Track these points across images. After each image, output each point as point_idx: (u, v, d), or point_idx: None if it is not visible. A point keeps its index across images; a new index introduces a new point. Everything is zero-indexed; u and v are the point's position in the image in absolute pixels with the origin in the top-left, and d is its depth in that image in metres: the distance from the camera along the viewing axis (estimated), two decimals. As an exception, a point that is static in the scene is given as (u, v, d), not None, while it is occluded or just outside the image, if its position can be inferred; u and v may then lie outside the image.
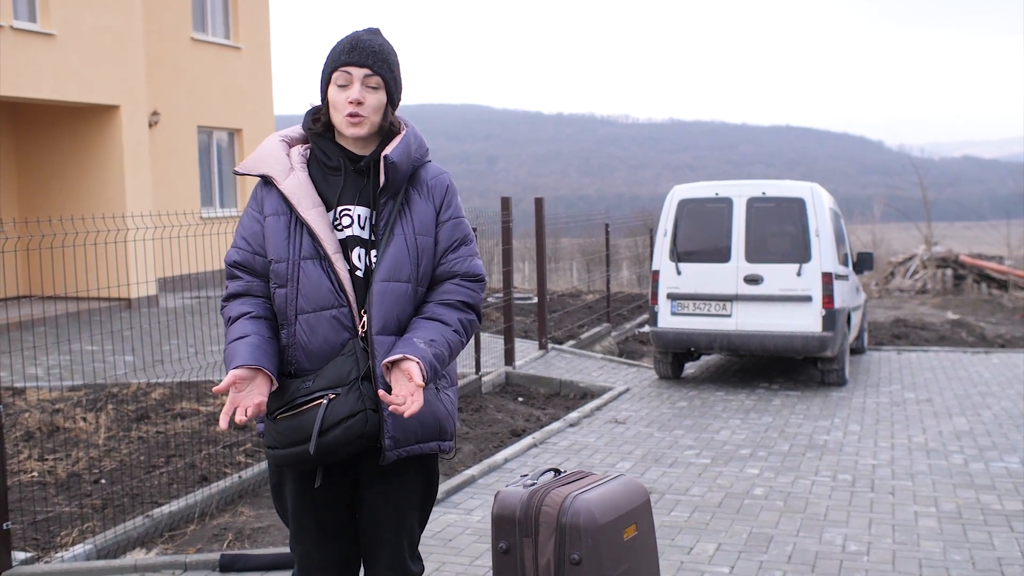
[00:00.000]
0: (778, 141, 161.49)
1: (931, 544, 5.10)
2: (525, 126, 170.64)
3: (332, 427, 2.61)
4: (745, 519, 5.52)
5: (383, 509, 2.81)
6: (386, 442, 2.68)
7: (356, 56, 2.72)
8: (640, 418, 8.20)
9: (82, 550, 4.73)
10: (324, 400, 2.62)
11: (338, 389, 2.63)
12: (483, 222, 10.54)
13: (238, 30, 18.91)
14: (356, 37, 2.76)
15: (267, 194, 2.78)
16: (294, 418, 2.64)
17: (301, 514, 2.81)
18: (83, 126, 14.49)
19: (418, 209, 2.78)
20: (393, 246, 2.72)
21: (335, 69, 2.73)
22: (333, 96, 2.74)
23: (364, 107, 2.71)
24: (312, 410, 2.62)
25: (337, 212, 2.76)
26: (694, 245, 9.74)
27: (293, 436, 2.63)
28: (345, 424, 2.61)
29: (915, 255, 22.62)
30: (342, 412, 2.61)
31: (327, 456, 2.64)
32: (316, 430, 2.59)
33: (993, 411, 8.42)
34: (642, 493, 3.24)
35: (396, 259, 2.72)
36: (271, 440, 2.69)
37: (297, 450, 2.63)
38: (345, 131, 2.74)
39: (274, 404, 2.68)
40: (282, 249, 2.71)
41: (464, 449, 6.98)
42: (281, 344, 2.73)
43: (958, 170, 79.82)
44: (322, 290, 2.68)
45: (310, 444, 2.59)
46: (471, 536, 5.21)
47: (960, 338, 13.67)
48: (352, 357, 2.67)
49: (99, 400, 7.65)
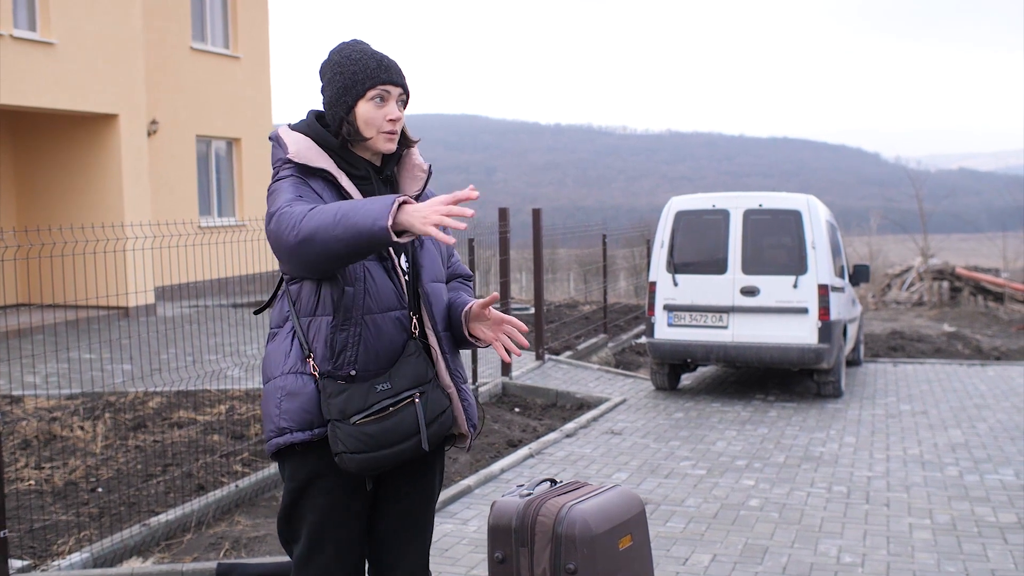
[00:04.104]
0: (775, 153, 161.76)
1: (925, 556, 5.12)
2: (523, 137, 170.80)
3: (430, 423, 2.73)
4: (740, 530, 5.54)
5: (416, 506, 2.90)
6: (470, 430, 2.90)
7: (394, 75, 2.78)
8: (636, 429, 8.21)
9: (79, 558, 4.73)
10: (416, 399, 2.71)
11: (421, 388, 2.74)
12: (481, 232, 10.57)
13: (237, 40, 18.96)
14: (382, 54, 2.81)
15: (324, 188, 2.73)
16: (385, 420, 2.67)
17: (326, 526, 2.77)
18: (82, 134, 14.51)
19: None
20: (425, 249, 2.86)
21: (373, 86, 2.76)
22: (368, 112, 2.76)
23: (398, 123, 2.80)
24: (404, 409, 2.69)
25: None
26: (691, 257, 9.77)
27: (388, 438, 2.67)
28: (439, 420, 2.77)
29: (911, 267, 22.67)
30: (436, 408, 2.76)
31: (431, 449, 2.76)
32: (423, 426, 2.70)
33: (988, 423, 8.45)
34: (638, 504, 3.26)
35: (434, 261, 2.88)
36: (356, 444, 2.65)
37: (396, 450, 2.68)
38: (382, 147, 2.79)
39: (352, 408, 2.67)
40: None
41: (460, 459, 6.99)
42: (339, 347, 2.70)
43: (954, 182, 79.95)
44: (388, 292, 2.73)
45: (422, 440, 2.70)
46: (467, 546, 5.22)
47: (956, 350, 13.70)
48: (422, 357, 2.77)
49: (96, 409, 7.66)
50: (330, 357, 2.70)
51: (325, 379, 2.69)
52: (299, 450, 2.74)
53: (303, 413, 2.71)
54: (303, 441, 2.72)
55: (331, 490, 2.75)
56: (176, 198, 16.98)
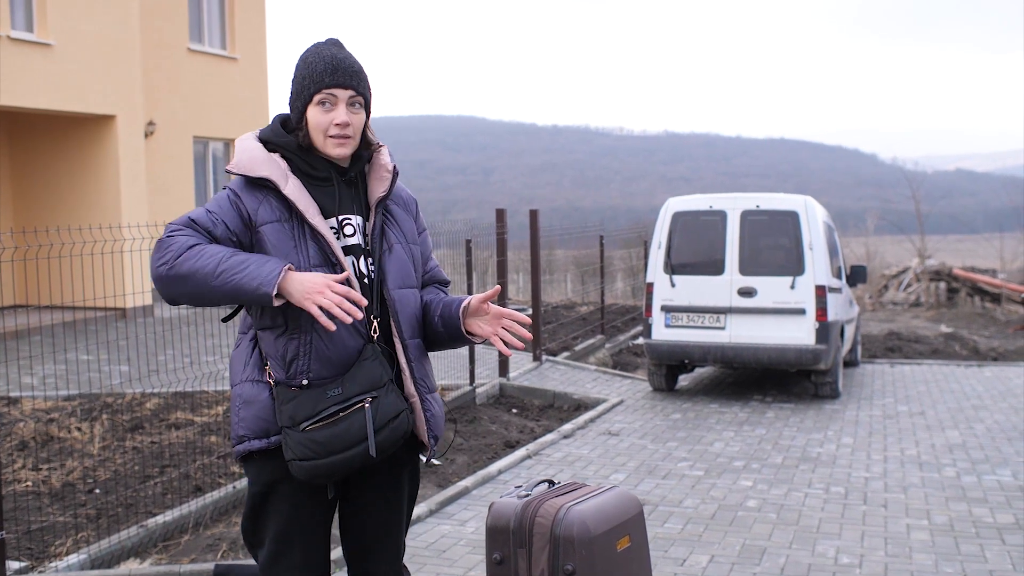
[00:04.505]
0: (772, 154, 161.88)
1: (923, 557, 5.12)
2: (520, 138, 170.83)
3: (380, 428, 2.65)
4: (738, 531, 5.54)
5: (383, 512, 2.85)
6: (431, 440, 2.82)
7: (340, 77, 2.71)
8: (634, 430, 8.21)
9: (76, 560, 4.73)
10: (366, 404, 2.65)
11: (373, 392, 2.67)
12: (478, 233, 10.57)
13: (234, 41, 18.95)
14: (333, 56, 2.74)
15: (264, 199, 2.71)
16: (333, 426, 2.63)
17: (288, 532, 2.76)
18: (79, 136, 14.50)
19: (401, 219, 2.90)
20: (394, 254, 2.82)
21: (318, 90, 2.71)
22: (316, 117, 2.72)
23: (350, 128, 2.73)
24: (353, 415, 2.63)
25: (339, 220, 2.77)
26: (688, 257, 9.77)
27: (336, 444, 2.62)
28: (391, 425, 2.67)
29: (908, 268, 22.68)
30: (388, 413, 2.67)
31: (379, 456, 2.67)
32: (371, 431, 2.63)
33: (986, 424, 8.45)
34: (636, 505, 3.26)
35: (403, 266, 2.83)
36: (304, 451, 2.62)
37: (344, 456, 2.62)
38: (331, 152, 2.74)
39: (302, 415, 2.64)
40: (293, 256, 2.66)
41: (458, 460, 6.99)
42: (290, 356, 2.69)
43: (951, 183, 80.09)
44: None
45: (369, 446, 2.62)
46: (465, 547, 5.22)
47: (953, 351, 13.72)
48: (377, 361, 2.70)
49: (94, 410, 7.65)
50: (282, 366, 2.70)
51: (279, 387, 2.69)
52: (258, 457, 2.75)
53: (259, 421, 2.73)
54: (259, 449, 2.73)
55: (292, 496, 2.74)
56: (173, 199, 16.96)
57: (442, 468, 6.82)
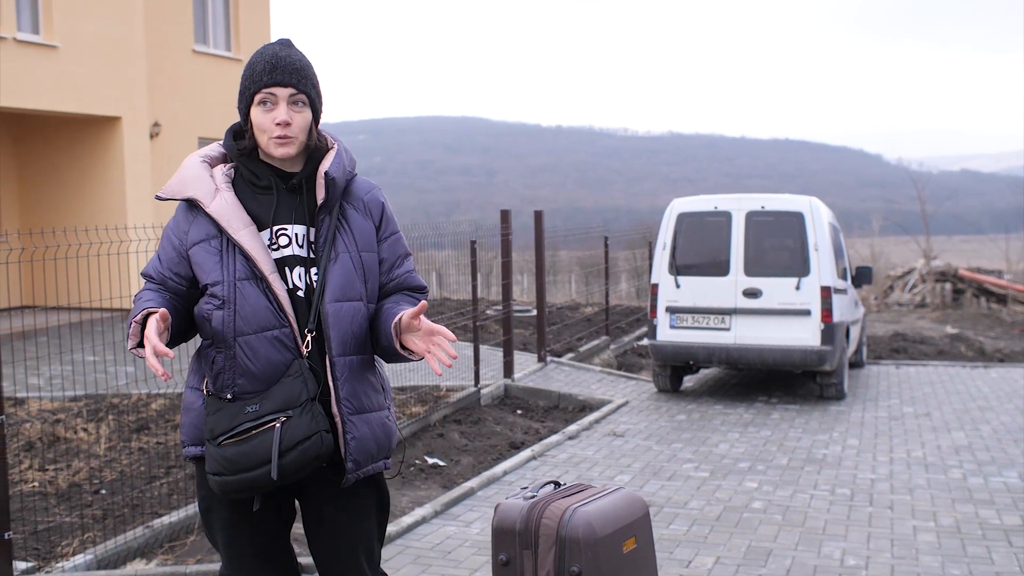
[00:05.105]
0: (777, 154, 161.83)
1: (930, 559, 5.11)
2: (524, 139, 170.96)
3: (288, 450, 2.55)
4: (744, 533, 5.53)
5: (340, 529, 2.78)
6: (348, 464, 2.67)
7: (280, 76, 2.65)
8: (639, 431, 8.21)
9: (82, 560, 4.74)
10: (277, 424, 2.57)
11: (288, 412, 2.58)
12: (483, 234, 10.58)
13: (239, 42, 18.98)
14: (275, 55, 2.67)
15: (195, 219, 2.70)
16: (243, 443, 2.57)
17: (235, 541, 2.76)
18: (84, 137, 14.53)
19: (357, 225, 2.76)
20: (339, 263, 2.70)
21: (258, 90, 2.66)
22: (258, 118, 2.67)
23: (292, 128, 2.66)
24: (263, 434, 2.56)
25: (273, 232, 2.70)
26: (693, 258, 9.77)
27: (244, 462, 2.56)
28: (300, 447, 2.57)
29: (914, 269, 22.64)
30: (297, 435, 2.56)
31: (282, 480, 2.58)
32: (275, 454, 2.54)
33: (992, 426, 8.44)
34: (641, 506, 3.26)
35: (346, 277, 2.70)
36: (216, 466, 2.60)
37: (251, 476, 2.56)
38: (273, 152, 2.68)
39: (219, 429, 2.61)
40: (216, 272, 2.65)
41: (463, 462, 6.99)
42: (217, 368, 2.67)
43: (957, 184, 79.92)
44: (261, 310, 2.63)
45: (271, 469, 2.54)
46: (470, 548, 5.22)
47: (959, 352, 13.69)
48: (300, 379, 2.62)
49: (100, 411, 7.67)
50: (212, 378, 2.69)
51: (210, 397, 2.68)
52: (198, 464, 2.76)
53: (194, 428, 2.74)
54: (195, 456, 2.75)
55: (234, 504, 2.72)
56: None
57: (447, 469, 6.83)
